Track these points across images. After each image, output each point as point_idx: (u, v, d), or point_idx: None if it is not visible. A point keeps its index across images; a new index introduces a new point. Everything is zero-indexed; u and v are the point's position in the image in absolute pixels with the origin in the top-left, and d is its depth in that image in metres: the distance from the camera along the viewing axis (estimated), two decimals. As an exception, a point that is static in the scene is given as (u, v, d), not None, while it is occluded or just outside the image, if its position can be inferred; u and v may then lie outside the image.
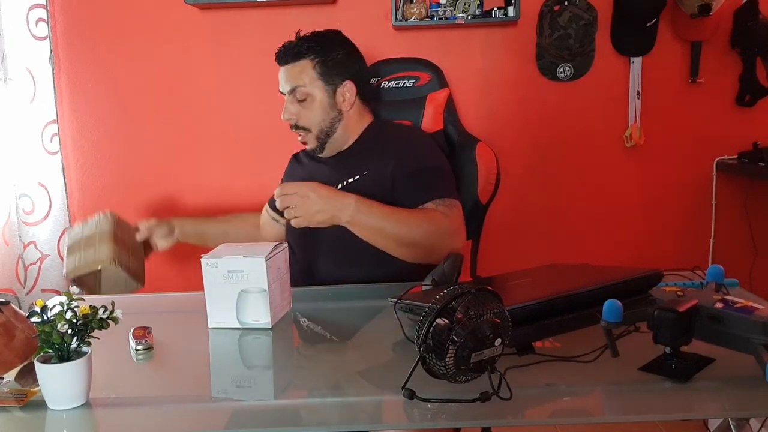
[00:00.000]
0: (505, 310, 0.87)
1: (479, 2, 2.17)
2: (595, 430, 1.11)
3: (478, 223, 1.71)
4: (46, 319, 0.88)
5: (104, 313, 0.91)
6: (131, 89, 2.30)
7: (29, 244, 2.14)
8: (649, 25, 2.20)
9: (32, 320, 0.90)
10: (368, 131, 1.63)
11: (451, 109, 1.79)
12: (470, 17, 2.15)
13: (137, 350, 1.09)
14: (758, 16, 2.18)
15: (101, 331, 0.91)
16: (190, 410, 0.93)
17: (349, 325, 1.27)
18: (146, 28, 2.26)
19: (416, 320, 0.90)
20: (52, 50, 2.19)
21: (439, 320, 0.85)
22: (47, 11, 2.17)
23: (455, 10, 2.15)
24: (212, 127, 2.31)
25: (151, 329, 1.12)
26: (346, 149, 1.61)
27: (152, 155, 2.33)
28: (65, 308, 0.88)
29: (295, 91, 1.55)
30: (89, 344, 0.90)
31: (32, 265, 2.15)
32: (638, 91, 2.25)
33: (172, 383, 1.04)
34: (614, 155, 2.31)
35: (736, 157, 2.25)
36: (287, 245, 1.25)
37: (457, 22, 2.15)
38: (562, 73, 2.24)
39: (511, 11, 2.13)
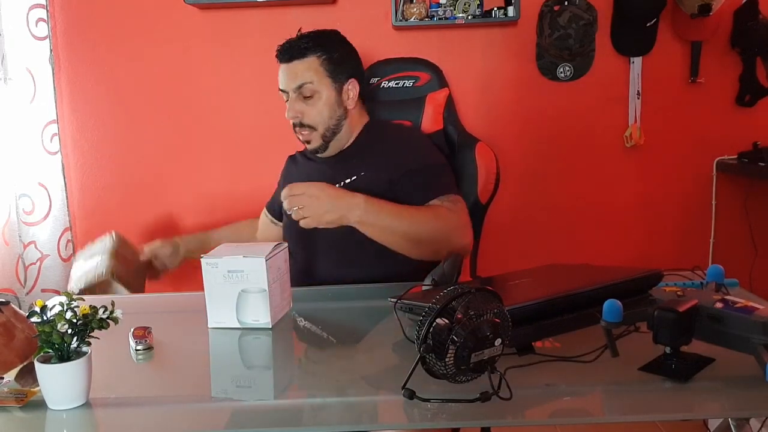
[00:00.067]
0: (505, 310, 0.87)
1: (479, 2, 2.17)
2: (595, 430, 1.11)
3: (477, 223, 1.71)
4: (46, 319, 0.88)
5: (104, 313, 0.91)
6: (131, 89, 2.30)
7: (29, 244, 2.14)
8: (649, 25, 2.20)
9: (32, 320, 0.90)
10: (365, 131, 1.63)
11: (450, 109, 1.79)
12: (470, 17, 2.15)
13: (137, 350, 1.09)
14: (758, 16, 2.18)
15: (101, 331, 0.91)
16: (190, 410, 0.93)
17: (348, 325, 1.27)
18: (146, 28, 2.26)
19: (416, 320, 0.90)
20: (52, 50, 2.19)
21: (439, 320, 0.85)
22: (47, 11, 2.17)
23: (455, 10, 2.15)
24: (212, 127, 2.31)
25: (151, 329, 1.12)
26: (345, 149, 1.61)
27: (152, 155, 2.33)
28: (65, 308, 0.88)
29: (302, 88, 1.52)
30: (89, 344, 0.90)
31: (32, 265, 2.15)
32: (638, 91, 2.25)
33: (172, 383, 1.04)
34: (614, 155, 2.31)
35: (736, 157, 2.24)
36: (287, 245, 1.25)
37: (457, 22, 2.15)
38: (562, 73, 2.24)
39: (511, 11, 2.13)
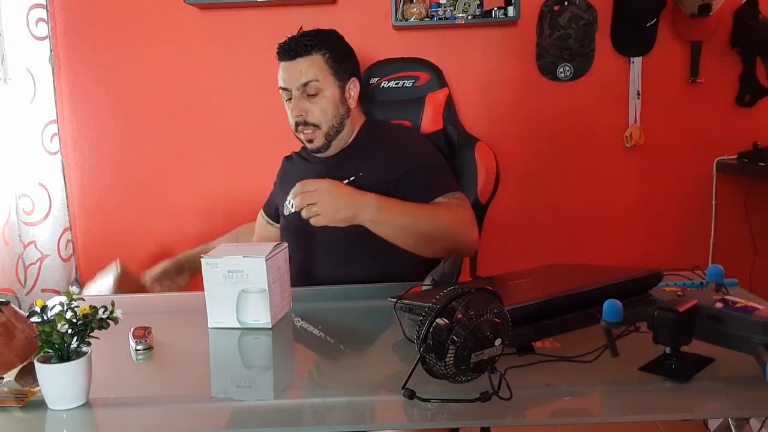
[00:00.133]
0: (505, 310, 0.87)
1: (479, 2, 2.17)
2: (595, 430, 1.11)
3: (478, 223, 1.71)
4: (46, 319, 0.88)
5: (104, 313, 0.91)
6: (131, 89, 2.30)
7: (29, 244, 2.14)
8: (649, 25, 2.20)
9: (32, 320, 0.90)
10: (364, 131, 1.63)
11: (450, 108, 1.79)
12: (470, 17, 2.15)
13: (137, 350, 1.09)
14: (758, 16, 2.18)
15: (101, 331, 0.91)
16: (190, 410, 0.92)
17: (348, 325, 1.27)
18: (146, 28, 2.26)
19: (416, 320, 0.90)
20: (52, 50, 2.19)
21: (439, 320, 0.85)
22: (47, 11, 2.17)
23: (455, 10, 2.15)
24: (212, 127, 2.31)
25: (151, 329, 1.12)
26: (344, 149, 1.61)
27: (152, 155, 2.33)
28: (65, 308, 0.88)
29: (307, 85, 1.51)
30: (89, 344, 0.90)
31: (32, 265, 2.15)
32: (638, 91, 2.25)
33: (172, 383, 1.04)
34: (614, 155, 2.31)
35: (736, 157, 2.25)
36: (287, 245, 1.25)
37: (457, 22, 2.15)
38: (562, 73, 2.24)
39: (511, 11, 2.13)
